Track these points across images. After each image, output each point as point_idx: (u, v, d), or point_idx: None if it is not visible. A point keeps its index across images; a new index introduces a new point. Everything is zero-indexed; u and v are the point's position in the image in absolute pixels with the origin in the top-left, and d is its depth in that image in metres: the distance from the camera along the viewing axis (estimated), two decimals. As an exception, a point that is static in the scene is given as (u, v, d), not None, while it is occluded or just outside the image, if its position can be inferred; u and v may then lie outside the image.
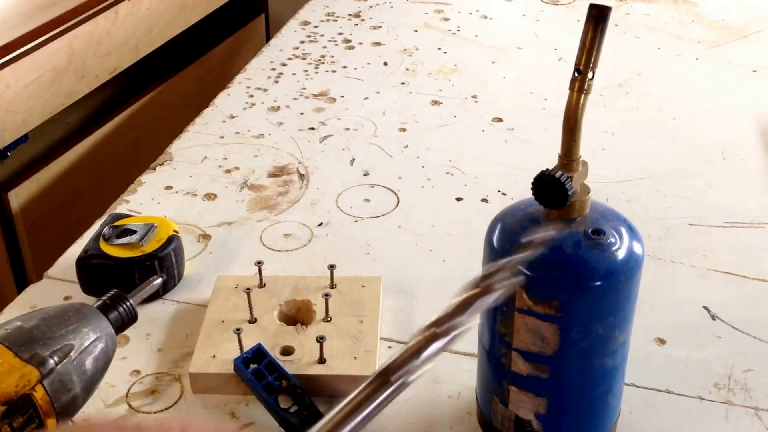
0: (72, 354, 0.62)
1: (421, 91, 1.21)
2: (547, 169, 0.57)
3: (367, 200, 0.97)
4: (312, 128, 1.12)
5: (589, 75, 0.55)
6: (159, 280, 0.77)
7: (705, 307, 0.81)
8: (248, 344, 0.72)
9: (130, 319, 0.69)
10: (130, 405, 0.71)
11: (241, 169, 1.03)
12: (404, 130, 1.11)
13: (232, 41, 1.81)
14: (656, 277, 0.84)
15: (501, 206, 0.64)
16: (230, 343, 0.73)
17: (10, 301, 0.82)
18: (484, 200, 0.97)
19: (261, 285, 0.80)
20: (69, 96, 1.36)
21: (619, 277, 0.57)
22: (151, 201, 0.97)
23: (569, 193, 0.56)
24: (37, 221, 1.35)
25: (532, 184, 0.57)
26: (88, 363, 0.63)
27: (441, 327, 0.38)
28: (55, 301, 0.80)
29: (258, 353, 0.70)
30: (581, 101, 0.56)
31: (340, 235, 0.92)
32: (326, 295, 0.76)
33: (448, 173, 1.02)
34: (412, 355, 0.38)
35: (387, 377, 0.38)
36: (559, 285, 0.57)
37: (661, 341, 0.77)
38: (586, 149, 0.58)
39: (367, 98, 1.19)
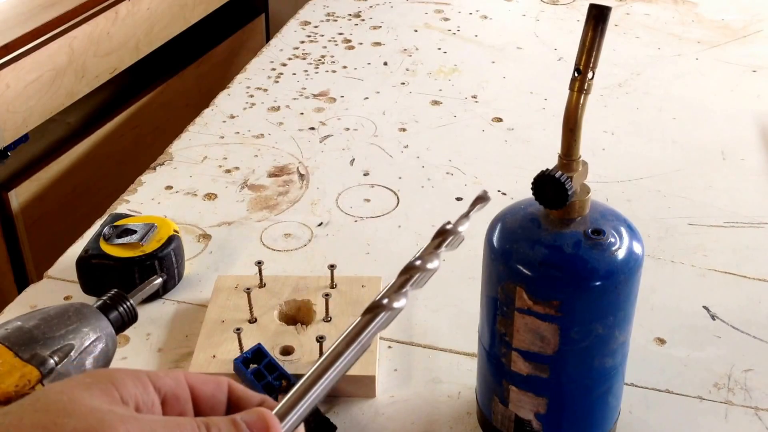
0: (72, 354, 0.62)
1: (421, 91, 1.21)
2: (547, 169, 0.57)
3: (367, 200, 0.97)
4: (312, 128, 1.12)
5: (589, 75, 0.55)
6: (159, 280, 0.77)
7: (705, 307, 0.81)
8: (248, 344, 0.72)
9: (131, 319, 0.69)
10: (130, 405, 0.71)
11: (241, 169, 1.03)
12: (404, 130, 1.11)
13: (232, 41, 1.81)
14: (656, 277, 0.84)
15: (501, 206, 0.64)
16: (230, 343, 0.73)
17: (10, 301, 0.82)
18: (484, 200, 0.97)
19: (261, 285, 0.80)
20: (69, 96, 1.36)
21: (619, 277, 0.57)
22: (151, 201, 0.97)
23: (569, 193, 0.56)
24: (37, 221, 1.35)
25: (532, 184, 0.57)
26: (89, 363, 0.63)
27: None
28: (55, 301, 0.80)
29: (258, 353, 0.70)
30: (581, 101, 0.56)
31: (340, 235, 0.92)
32: (326, 294, 0.76)
33: (448, 173, 1.02)
34: (394, 290, 0.44)
35: (375, 309, 0.42)
36: (559, 285, 0.57)
37: (661, 341, 0.77)
38: (586, 149, 0.58)
39: (367, 98, 1.19)
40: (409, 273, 0.44)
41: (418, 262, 0.44)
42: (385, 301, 0.42)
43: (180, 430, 0.37)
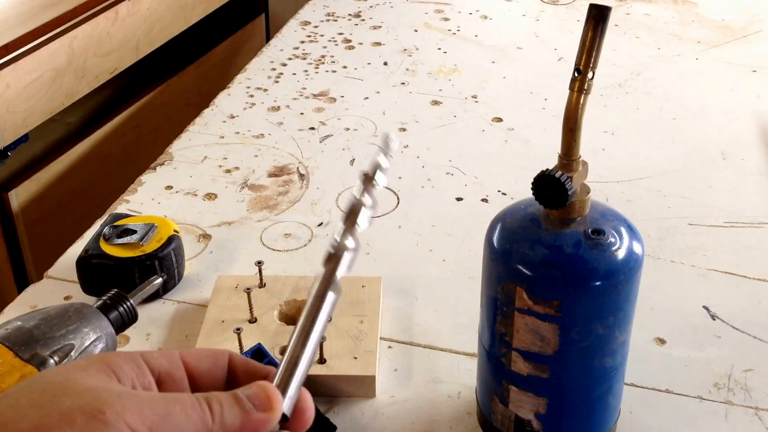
0: (72, 354, 0.62)
1: (421, 91, 1.21)
2: (547, 169, 0.57)
3: (367, 200, 0.97)
4: (312, 128, 1.12)
5: (589, 75, 0.55)
6: (159, 280, 0.77)
7: (705, 307, 0.81)
8: (248, 344, 0.72)
9: (131, 318, 0.69)
10: (130, 405, 0.71)
11: (241, 169, 1.03)
12: (404, 130, 1.11)
13: (232, 41, 1.81)
14: (656, 277, 0.84)
15: (501, 206, 0.64)
16: (230, 343, 0.73)
17: (10, 301, 0.82)
18: (484, 200, 0.97)
19: (261, 285, 0.80)
20: (69, 96, 1.36)
21: (619, 277, 0.57)
22: (151, 201, 0.97)
23: (569, 193, 0.56)
24: (37, 221, 1.35)
25: (532, 184, 0.57)
26: (89, 363, 0.63)
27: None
28: (56, 301, 0.80)
29: (258, 353, 0.70)
30: (581, 101, 0.56)
31: (340, 235, 0.91)
32: (326, 295, 0.76)
33: (448, 173, 1.02)
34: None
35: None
36: (559, 285, 0.57)
37: (661, 341, 0.77)
38: (586, 149, 0.58)
39: (367, 98, 1.19)
40: (333, 261, 0.44)
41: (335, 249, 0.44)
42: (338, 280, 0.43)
43: (180, 405, 0.36)
